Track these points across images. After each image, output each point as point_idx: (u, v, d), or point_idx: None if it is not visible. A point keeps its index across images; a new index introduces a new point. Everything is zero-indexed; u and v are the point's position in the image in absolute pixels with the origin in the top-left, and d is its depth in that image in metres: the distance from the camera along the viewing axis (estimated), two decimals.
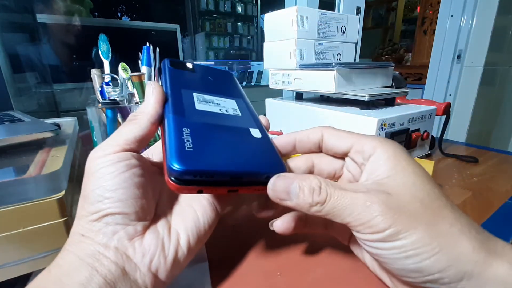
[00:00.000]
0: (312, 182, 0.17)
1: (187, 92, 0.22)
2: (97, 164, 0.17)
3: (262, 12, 2.80)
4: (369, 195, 0.16)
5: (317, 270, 0.23)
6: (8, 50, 0.89)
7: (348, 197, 0.16)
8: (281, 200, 0.18)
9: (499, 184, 0.42)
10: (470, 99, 1.29)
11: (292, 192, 0.17)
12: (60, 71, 1.30)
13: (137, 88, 0.33)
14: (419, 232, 0.15)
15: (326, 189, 0.17)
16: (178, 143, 0.17)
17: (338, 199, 0.16)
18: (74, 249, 0.16)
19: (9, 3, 0.98)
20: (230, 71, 0.26)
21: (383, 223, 0.15)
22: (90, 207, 0.17)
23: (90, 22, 1.42)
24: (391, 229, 0.15)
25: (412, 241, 0.15)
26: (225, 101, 0.24)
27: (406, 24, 2.66)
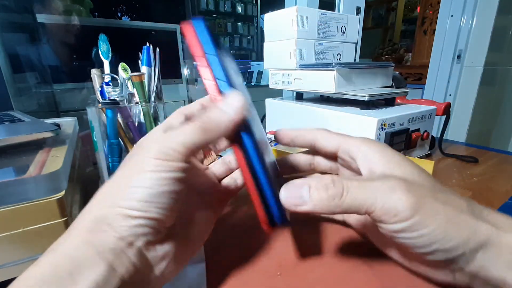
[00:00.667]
0: (323, 178, 0.17)
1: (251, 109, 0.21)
2: (152, 164, 0.16)
3: (262, 12, 2.80)
4: (390, 181, 0.16)
5: (317, 270, 0.23)
6: (8, 50, 0.89)
7: (368, 186, 0.16)
8: (297, 207, 0.17)
9: (499, 184, 0.42)
10: (470, 99, 1.29)
11: (304, 194, 0.17)
12: (60, 71, 1.30)
13: (137, 88, 0.33)
14: (439, 218, 0.16)
15: (341, 181, 0.16)
16: (276, 200, 0.18)
17: (357, 189, 0.16)
18: (93, 238, 0.15)
19: (9, 3, 0.98)
20: None
21: (403, 213, 0.15)
22: (127, 202, 0.16)
23: (90, 22, 1.42)
24: (416, 217, 0.15)
25: (436, 227, 0.15)
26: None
27: (406, 24, 2.66)
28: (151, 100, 0.34)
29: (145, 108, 0.33)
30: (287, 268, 0.23)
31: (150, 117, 0.33)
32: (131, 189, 0.16)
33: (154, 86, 0.34)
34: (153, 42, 0.33)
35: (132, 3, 2.57)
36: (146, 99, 0.33)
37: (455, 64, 1.32)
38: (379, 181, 0.16)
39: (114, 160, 0.33)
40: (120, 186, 0.16)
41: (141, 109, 0.33)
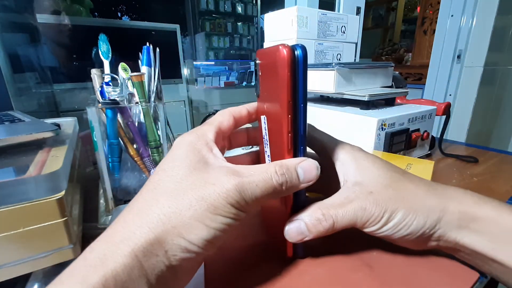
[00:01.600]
0: (315, 214, 0.20)
1: None
2: (226, 210, 0.17)
3: (262, 12, 2.80)
4: (361, 201, 0.20)
5: (317, 270, 0.23)
6: (8, 50, 0.89)
7: (350, 209, 0.20)
8: (302, 239, 0.21)
9: (499, 184, 0.42)
10: (470, 99, 1.29)
11: (303, 230, 0.20)
12: (60, 71, 1.30)
13: (137, 88, 0.33)
14: (400, 209, 0.20)
15: (330, 214, 0.20)
16: None
17: (343, 216, 0.20)
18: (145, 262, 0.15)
19: (9, 3, 0.98)
20: None
21: (379, 216, 0.20)
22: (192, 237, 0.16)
23: (90, 22, 1.42)
24: (385, 216, 0.20)
25: (399, 218, 0.20)
26: None
27: (406, 24, 2.66)
28: (151, 100, 0.34)
29: (145, 108, 0.33)
30: (287, 268, 0.23)
31: (150, 117, 0.33)
32: (198, 225, 0.16)
33: (154, 86, 0.34)
34: (153, 42, 0.33)
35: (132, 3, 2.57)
36: (146, 99, 0.33)
37: (455, 64, 1.32)
38: (356, 202, 0.20)
39: (114, 160, 0.33)
40: (184, 215, 0.16)
41: (141, 109, 0.33)
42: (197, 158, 0.18)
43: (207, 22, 2.59)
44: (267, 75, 0.20)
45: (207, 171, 0.18)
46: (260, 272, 0.23)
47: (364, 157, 0.23)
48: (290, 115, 0.18)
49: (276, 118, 0.19)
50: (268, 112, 0.21)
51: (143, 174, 0.34)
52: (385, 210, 0.20)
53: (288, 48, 0.17)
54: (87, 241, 0.25)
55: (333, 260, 0.24)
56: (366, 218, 0.20)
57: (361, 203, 0.20)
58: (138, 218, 0.16)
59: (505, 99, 1.42)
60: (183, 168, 0.18)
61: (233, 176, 0.17)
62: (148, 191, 0.17)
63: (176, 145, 0.20)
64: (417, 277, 0.22)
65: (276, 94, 0.18)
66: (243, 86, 2.26)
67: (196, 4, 2.51)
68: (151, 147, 0.34)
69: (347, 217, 0.20)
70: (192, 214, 0.16)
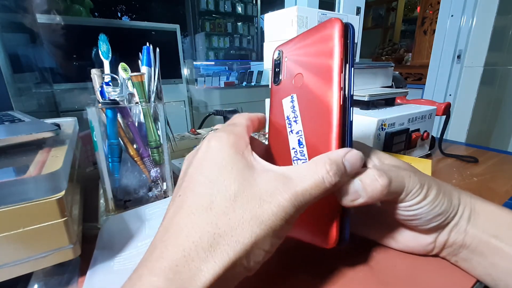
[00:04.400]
0: (370, 172, 0.19)
1: None
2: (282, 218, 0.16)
3: (262, 12, 2.80)
4: (407, 171, 0.21)
5: (317, 270, 0.23)
6: (8, 50, 0.89)
7: (401, 174, 0.20)
8: (353, 202, 0.19)
9: (499, 184, 0.42)
10: (470, 99, 1.29)
11: (358, 189, 0.18)
12: (60, 71, 1.30)
13: (137, 88, 0.33)
14: (435, 186, 0.21)
15: (383, 173, 0.19)
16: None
17: (397, 178, 0.20)
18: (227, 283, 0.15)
19: (9, 3, 0.98)
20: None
21: (421, 188, 0.20)
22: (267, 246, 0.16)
23: (90, 22, 1.42)
24: (424, 189, 0.20)
25: (435, 194, 0.21)
26: None
27: (406, 24, 2.66)
28: (151, 100, 0.34)
29: (145, 108, 0.33)
30: (287, 268, 0.23)
31: (150, 117, 0.33)
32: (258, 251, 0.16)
33: (154, 86, 0.34)
34: (153, 42, 0.33)
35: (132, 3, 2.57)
36: (146, 99, 0.33)
37: (455, 64, 1.32)
38: (403, 170, 0.21)
39: (114, 160, 0.33)
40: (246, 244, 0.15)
41: (141, 109, 0.33)
42: (242, 164, 0.17)
43: (207, 22, 2.59)
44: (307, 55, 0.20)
45: (256, 183, 0.16)
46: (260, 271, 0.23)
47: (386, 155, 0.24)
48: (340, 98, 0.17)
49: (317, 102, 0.19)
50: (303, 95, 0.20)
51: (143, 174, 0.34)
52: (424, 183, 0.21)
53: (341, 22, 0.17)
54: (87, 241, 0.25)
55: (333, 260, 0.24)
56: (412, 186, 0.20)
57: (408, 172, 0.21)
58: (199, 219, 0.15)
59: (505, 99, 1.42)
60: (233, 181, 0.16)
61: (284, 186, 0.16)
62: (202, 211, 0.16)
63: (216, 146, 0.18)
64: (417, 278, 0.22)
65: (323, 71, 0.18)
66: (243, 86, 2.26)
67: (196, 4, 2.51)
68: (151, 147, 0.34)
69: (399, 179, 0.20)
70: (254, 241, 0.15)
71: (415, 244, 0.24)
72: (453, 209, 0.21)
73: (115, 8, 2.49)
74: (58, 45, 1.25)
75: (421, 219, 0.21)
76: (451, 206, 0.21)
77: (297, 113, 0.21)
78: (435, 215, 0.21)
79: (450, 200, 0.21)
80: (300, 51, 0.21)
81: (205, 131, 0.63)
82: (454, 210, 0.21)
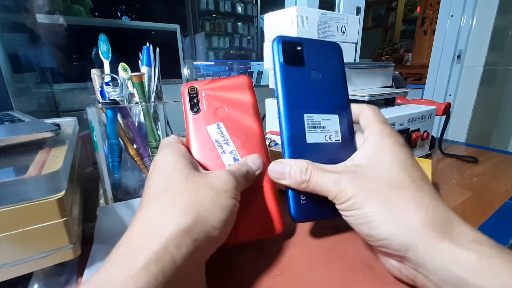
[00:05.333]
0: (301, 165, 0.22)
1: (299, 113, 0.24)
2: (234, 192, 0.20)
3: (262, 12, 2.80)
4: (340, 175, 0.21)
5: (317, 270, 0.23)
6: (8, 50, 0.89)
7: (325, 177, 0.21)
8: (278, 180, 0.23)
9: (499, 184, 0.42)
10: (470, 99, 1.29)
11: (286, 173, 0.22)
12: (60, 71, 1.30)
13: (137, 88, 0.33)
14: (374, 205, 0.19)
15: (311, 170, 0.22)
16: (295, 195, 0.23)
17: (318, 178, 0.21)
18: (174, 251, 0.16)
19: (9, 3, 0.98)
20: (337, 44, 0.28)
21: (345, 196, 0.20)
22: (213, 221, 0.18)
23: (90, 22, 1.42)
24: (351, 200, 0.20)
25: (366, 211, 0.19)
26: (330, 121, 0.25)
27: (406, 24, 2.67)
28: (151, 100, 0.34)
29: (145, 108, 0.33)
30: (287, 268, 0.23)
31: (150, 117, 0.33)
32: (217, 209, 0.19)
33: (154, 86, 0.34)
34: (153, 42, 0.33)
35: (132, 3, 2.57)
36: (146, 99, 0.33)
37: (455, 64, 1.32)
38: (336, 174, 0.21)
39: (114, 160, 0.33)
40: (205, 202, 0.19)
41: (141, 109, 0.33)
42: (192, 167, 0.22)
43: (207, 22, 2.59)
44: (226, 94, 0.27)
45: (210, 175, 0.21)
46: (260, 271, 0.23)
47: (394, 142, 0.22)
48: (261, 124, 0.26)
49: (244, 128, 0.26)
50: (229, 123, 0.26)
51: (143, 174, 0.34)
52: (353, 196, 0.20)
53: (247, 79, 0.28)
54: (87, 241, 0.25)
55: (333, 260, 0.24)
56: (334, 193, 0.21)
57: (338, 177, 0.21)
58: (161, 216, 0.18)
59: (505, 99, 1.42)
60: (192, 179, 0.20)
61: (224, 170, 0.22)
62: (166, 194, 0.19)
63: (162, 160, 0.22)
64: None
65: (245, 108, 0.26)
66: None
67: (196, 4, 2.51)
68: (151, 147, 0.34)
69: (320, 181, 0.21)
70: (207, 199, 0.19)
71: (387, 266, 0.22)
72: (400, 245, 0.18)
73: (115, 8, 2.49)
74: (58, 45, 1.24)
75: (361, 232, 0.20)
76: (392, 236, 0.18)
77: (226, 137, 0.26)
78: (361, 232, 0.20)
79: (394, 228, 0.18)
80: (219, 92, 0.27)
81: None
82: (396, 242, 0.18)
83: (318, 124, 0.25)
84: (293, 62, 0.25)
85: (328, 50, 0.27)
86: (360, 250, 0.25)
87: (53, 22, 1.24)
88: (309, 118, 0.25)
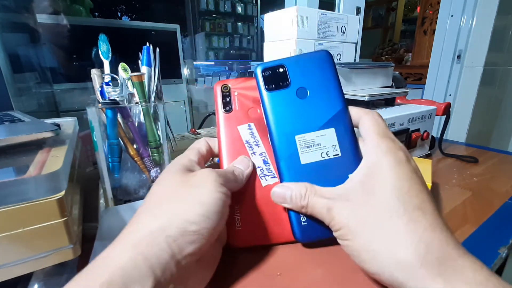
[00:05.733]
0: (301, 189, 0.22)
1: (290, 136, 0.24)
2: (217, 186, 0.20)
3: (262, 12, 2.80)
4: (333, 202, 0.21)
5: (317, 270, 0.23)
6: (8, 50, 0.89)
7: (320, 203, 0.21)
8: (281, 203, 0.23)
9: (499, 184, 0.42)
10: (470, 99, 1.29)
11: (287, 197, 0.23)
12: (60, 71, 1.30)
13: (137, 88, 0.33)
14: (363, 238, 0.19)
15: (308, 196, 0.22)
16: (296, 217, 0.24)
17: (314, 204, 0.22)
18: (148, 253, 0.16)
19: (9, 3, 0.98)
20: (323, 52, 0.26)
21: (337, 225, 0.20)
22: (189, 215, 0.18)
23: (90, 22, 1.42)
24: (342, 230, 0.20)
25: (355, 244, 0.19)
26: (325, 136, 0.24)
27: (406, 24, 2.67)
28: (151, 100, 0.34)
29: (145, 108, 0.33)
30: (287, 268, 0.23)
31: (150, 117, 0.33)
32: (194, 204, 0.18)
33: (154, 86, 0.34)
34: (153, 42, 0.33)
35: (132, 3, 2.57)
36: (146, 99, 0.33)
37: (455, 64, 1.32)
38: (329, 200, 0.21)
39: (114, 160, 0.33)
40: (182, 200, 0.19)
41: (141, 109, 0.33)
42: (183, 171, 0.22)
43: (207, 22, 2.59)
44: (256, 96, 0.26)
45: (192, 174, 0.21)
46: (260, 271, 0.23)
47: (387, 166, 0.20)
48: None
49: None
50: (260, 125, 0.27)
51: (143, 174, 0.34)
52: (344, 226, 0.20)
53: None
54: (87, 241, 0.25)
55: (333, 260, 0.24)
56: (328, 220, 0.21)
57: (330, 205, 0.21)
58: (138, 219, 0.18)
59: (505, 99, 1.42)
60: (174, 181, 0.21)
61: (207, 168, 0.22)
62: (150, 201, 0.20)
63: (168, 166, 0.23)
64: None
65: None
66: None
67: (196, 4, 2.51)
68: (151, 147, 0.34)
69: (316, 207, 0.22)
70: (186, 198, 0.19)
71: None
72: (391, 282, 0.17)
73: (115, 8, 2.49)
74: (58, 45, 1.24)
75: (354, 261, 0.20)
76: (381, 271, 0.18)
77: (257, 138, 0.26)
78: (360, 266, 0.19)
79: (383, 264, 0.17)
80: (251, 92, 0.27)
81: (205, 131, 0.63)
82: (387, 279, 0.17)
83: (312, 143, 0.24)
84: (277, 86, 0.24)
85: (315, 62, 0.25)
86: None
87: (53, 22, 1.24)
88: (301, 138, 0.24)
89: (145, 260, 0.15)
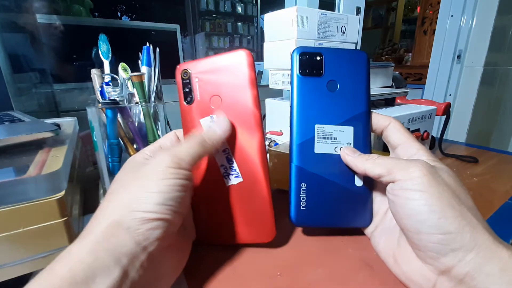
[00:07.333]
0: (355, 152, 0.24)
1: (310, 124, 0.25)
2: (168, 172, 0.19)
3: (262, 12, 2.80)
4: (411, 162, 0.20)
5: (317, 270, 0.23)
6: (8, 50, 0.89)
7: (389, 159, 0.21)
8: (345, 157, 0.24)
9: (499, 184, 0.42)
10: (470, 99, 1.29)
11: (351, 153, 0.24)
12: (60, 71, 1.30)
13: (137, 88, 0.33)
14: (440, 190, 0.18)
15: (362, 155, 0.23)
16: (296, 201, 0.24)
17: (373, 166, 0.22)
18: (109, 244, 0.16)
19: (9, 3, 0.98)
20: (363, 53, 0.26)
21: (417, 172, 0.19)
22: (144, 206, 0.17)
23: (90, 22, 1.42)
24: (423, 178, 0.19)
25: (434, 196, 0.18)
26: (343, 132, 0.25)
27: (406, 24, 2.66)
28: (151, 100, 0.34)
29: (145, 108, 0.33)
30: (287, 268, 0.23)
31: (150, 117, 0.33)
32: (147, 194, 0.18)
33: (154, 86, 0.34)
34: (153, 42, 0.33)
35: (132, 3, 2.57)
36: (146, 99, 0.33)
37: (455, 64, 1.32)
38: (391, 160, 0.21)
39: (114, 160, 0.33)
40: (135, 192, 0.18)
41: (141, 109, 0.33)
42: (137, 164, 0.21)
43: (207, 22, 2.59)
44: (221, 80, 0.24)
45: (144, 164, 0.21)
46: (260, 271, 0.23)
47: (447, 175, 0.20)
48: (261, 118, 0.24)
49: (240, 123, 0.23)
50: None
51: None
52: (425, 175, 0.19)
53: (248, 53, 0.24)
54: None
55: (333, 260, 0.24)
56: (406, 168, 0.20)
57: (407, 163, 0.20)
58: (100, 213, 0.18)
59: (505, 99, 1.42)
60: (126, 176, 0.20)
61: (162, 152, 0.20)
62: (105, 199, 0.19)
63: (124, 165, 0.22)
64: None
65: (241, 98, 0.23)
66: None
67: (196, 4, 2.51)
68: None
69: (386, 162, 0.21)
70: (140, 188, 0.18)
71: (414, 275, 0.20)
72: (463, 237, 0.17)
73: (115, 8, 2.49)
74: (58, 45, 1.24)
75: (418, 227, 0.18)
76: (463, 230, 0.17)
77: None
78: (426, 222, 0.18)
79: (466, 223, 0.17)
80: (213, 75, 0.24)
81: None
82: (465, 239, 0.17)
83: (329, 135, 0.25)
84: (310, 73, 0.25)
85: (352, 60, 0.26)
86: (360, 250, 0.25)
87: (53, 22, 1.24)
88: (320, 128, 0.25)
89: (106, 251, 0.15)
